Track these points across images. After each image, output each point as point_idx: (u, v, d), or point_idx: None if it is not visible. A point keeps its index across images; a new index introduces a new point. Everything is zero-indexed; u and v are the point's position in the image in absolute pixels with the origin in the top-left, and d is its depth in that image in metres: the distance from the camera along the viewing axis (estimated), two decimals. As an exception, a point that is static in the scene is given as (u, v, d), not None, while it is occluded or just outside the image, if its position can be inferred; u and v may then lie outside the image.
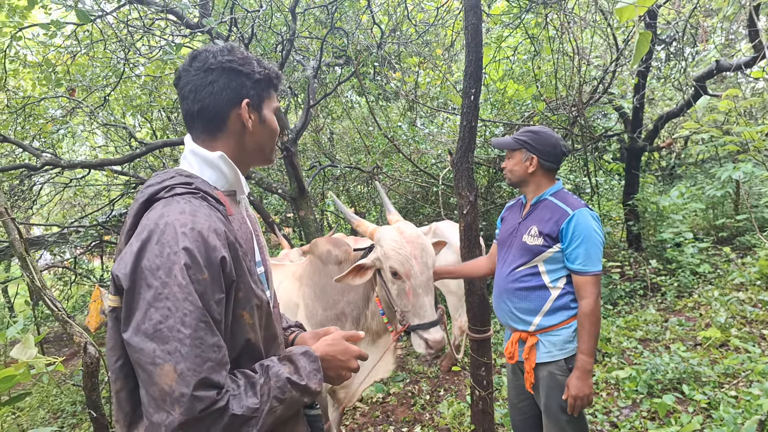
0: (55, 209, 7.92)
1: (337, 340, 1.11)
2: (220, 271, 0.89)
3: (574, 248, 1.83)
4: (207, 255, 0.87)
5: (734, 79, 6.60)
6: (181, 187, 0.97)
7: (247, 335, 0.96)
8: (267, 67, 1.12)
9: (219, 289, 0.89)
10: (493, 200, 5.45)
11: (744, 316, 3.91)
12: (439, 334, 1.79)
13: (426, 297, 1.82)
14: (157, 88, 5.17)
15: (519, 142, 1.97)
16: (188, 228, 0.87)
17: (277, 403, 0.93)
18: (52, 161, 4.39)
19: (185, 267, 0.84)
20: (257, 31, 4.19)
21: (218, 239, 0.90)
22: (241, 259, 0.95)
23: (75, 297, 7.22)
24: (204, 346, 0.84)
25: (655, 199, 5.70)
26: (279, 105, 1.21)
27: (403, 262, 1.81)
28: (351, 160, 5.97)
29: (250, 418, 0.88)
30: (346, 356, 1.10)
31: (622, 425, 2.79)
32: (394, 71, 5.65)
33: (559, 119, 5.16)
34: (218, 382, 0.85)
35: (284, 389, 0.94)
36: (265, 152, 1.15)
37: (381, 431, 3.27)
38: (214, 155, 1.05)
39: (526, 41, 5.03)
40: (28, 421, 4.57)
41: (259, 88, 1.09)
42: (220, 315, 0.89)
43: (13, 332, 2.23)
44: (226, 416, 0.85)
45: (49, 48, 4.69)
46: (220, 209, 0.98)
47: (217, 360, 0.85)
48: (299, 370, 0.99)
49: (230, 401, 0.86)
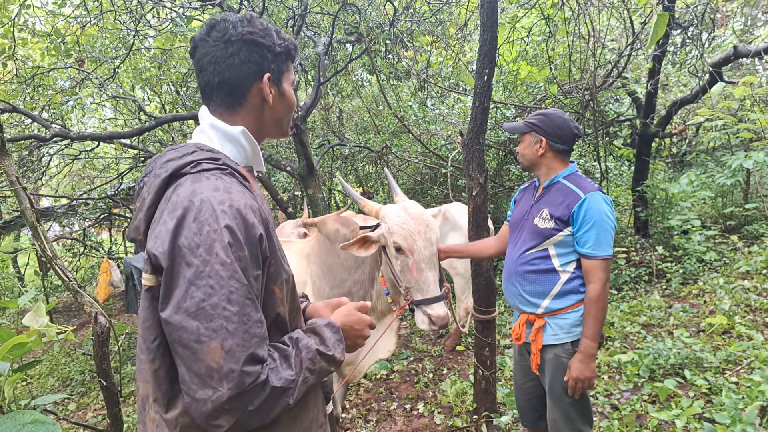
0: (64, 181, 7.96)
1: (351, 311, 1.16)
2: (258, 248, 0.90)
3: (585, 232, 1.83)
4: (246, 232, 0.88)
5: (751, 66, 6.47)
6: (209, 162, 0.95)
7: (277, 309, 0.99)
8: (286, 38, 1.09)
9: (257, 265, 0.90)
10: (502, 183, 5.44)
11: (748, 305, 3.92)
12: (443, 309, 1.80)
13: (429, 272, 1.84)
14: (166, 61, 5.13)
15: (528, 125, 1.97)
16: (226, 205, 0.87)
17: (309, 374, 0.96)
18: (62, 133, 4.39)
19: (228, 245, 0.84)
20: (268, 5, 4.13)
21: (255, 216, 0.91)
22: (272, 235, 0.97)
23: (84, 269, 7.32)
24: (251, 322, 0.86)
25: (665, 186, 5.66)
26: (295, 78, 1.17)
27: (406, 237, 1.83)
28: (360, 140, 5.94)
29: (287, 389, 0.91)
30: (361, 325, 1.15)
31: (623, 408, 2.84)
32: (406, 50, 5.57)
33: (571, 103, 5.09)
34: (263, 357, 0.88)
35: (314, 360, 0.97)
36: (283, 126, 1.14)
37: (384, 407, 3.35)
38: (236, 130, 1.03)
39: (541, 22, 4.93)
40: (39, 389, 4.70)
41: (280, 61, 1.07)
42: (258, 291, 0.91)
43: (24, 300, 2.27)
44: (268, 388, 0.87)
45: (58, 17, 4.64)
46: (246, 185, 0.98)
47: (261, 335, 0.88)
48: (325, 341, 1.03)
49: (269, 374, 0.88)
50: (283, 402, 0.90)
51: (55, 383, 4.81)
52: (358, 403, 3.44)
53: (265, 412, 0.88)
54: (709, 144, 7.84)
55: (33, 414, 1.45)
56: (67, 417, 2.67)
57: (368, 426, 3.14)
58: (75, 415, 4.04)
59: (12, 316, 3.77)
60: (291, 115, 1.16)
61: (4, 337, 1.64)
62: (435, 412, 3.14)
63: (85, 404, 4.23)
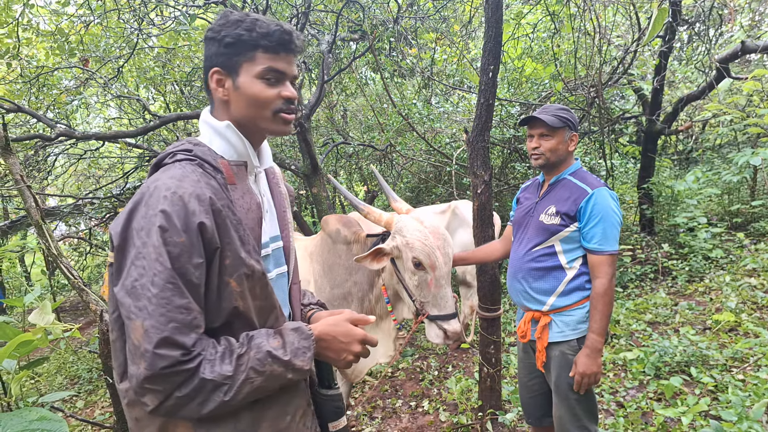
0: (70, 180, 8.01)
1: (340, 322, 1.09)
2: (199, 236, 0.90)
3: (592, 227, 1.82)
4: (186, 219, 0.89)
5: (760, 61, 6.40)
6: (182, 153, 1.01)
7: (234, 303, 0.97)
8: (248, 27, 1.01)
9: (198, 253, 0.90)
10: (506, 181, 5.42)
11: (755, 302, 3.90)
12: (458, 325, 1.81)
13: (447, 288, 1.84)
14: (170, 60, 5.13)
15: (562, 120, 1.91)
16: (171, 192, 0.91)
17: (254, 375, 0.93)
18: (67, 132, 4.41)
19: (160, 229, 0.88)
20: (272, 2, 4.13)
21: (199, 205, 0.91)
22: (229, 227, 0.96)
23: (90, 267, 7.36)
24: (170, 306, 0.87)
25: (671, 183, 5.62)
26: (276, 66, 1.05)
27: (429, 254, 1.81)
28: (364, 138, 5.93)
29: (221, 385, 0.90)
30: (348, 338, 1.07)
31: (629, 405, 2.83)
32: (410, 47, 5.55)
33: (576, 100, 5.06)
34: (183, 343, 0.87)
35: (263, 362, 0.94)
36: (257, 122, 1.07)
37: (390, 404, 3.35)
38: (220, 125, 1.06)
39: (546, 18, 4.90)
40: (46, 386, 4.74)
41: (231, 53, 1.02)
42: (199, 279, 0.91)
43: (30, 299, 2.28)
44: (196, 378, 0.88)
45: (61, 17, 4.66)
46: (217, 177, 0.99)
47: (183, 321, 0.87)
48: (285, 345, 0.98)
49: (203, 365, 0.89)
50: (217, 397, 0.89)
51: (63, 381, 4.85)
52: (363, 401, 3.45)
53: (197, 403, 0.89)
54: (715, 141, 7.79)
55: (40, 411, 1.46)
56: (74, 414, 2.69)
57: (373, 423, 3.14)
58: (83, 413, 4.07)
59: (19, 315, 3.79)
60: (263, 110, 1.06)
61: (11, 335, 1.65)
62: (440, 410, 3.14)
63: (93, 402, 4.26)
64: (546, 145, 1.93)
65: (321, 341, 1.06)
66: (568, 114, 1.94)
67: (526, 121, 1.99)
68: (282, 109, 1.07)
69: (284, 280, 1.20)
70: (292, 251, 1.22)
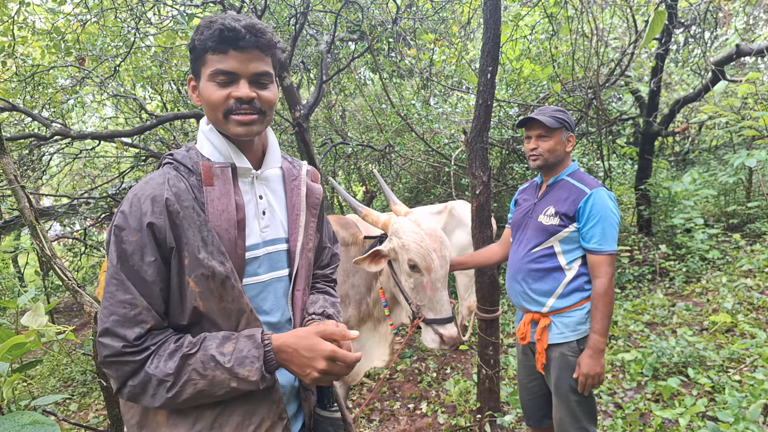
0: (65, 180, 7.94)
1: (308, 334, 1.01)
2: (151, 236, 0.95)
3: (591, 227, 1.82)
4: (139, 219, 0.95)
5: (754, 64, 6.44)
6: (168, 157, 1.07)
7: (194, 302, 0.98)
8: (199, 30, 1.00)
9: (150, 252, 0.95)
10: (505, 182, 5.42)
11: (751, 303, 3.91)
12: (455, 330, 1.79)
13: (444, 291, 1.82)
14: (167, 59, 5.11)
15: (559, 121, 1.91)
16: (133, 194, 0.98)
17: (197, 377, 0.94)
18: (62, 131, 4.37)
19: (116, 227, 0.96)
20: (270, 2, 4.11)
21: (152, 206, 0.95)
22: (186, 228, 0.97)
23: (85, 268, 7.30)
24: (113, 300, 0.93)
25: (668, 184, 5.65)
26: (222, 67, 1.01)
27: (424, 256, 1.79)
28: (363, 138, 5.92)
29: (164, 381, 0.93)
30: (312, 353, 0.98)
31: (627, 406, 2.83)
32: (409, 48, 5.55)
33: (574, 101, 5.07)
34: (123, 336, 0.92)
35: (206, 365, 0.94)
36: (216, 125, 1.07)
37: (388, 407, 3.34)
38: (205, 128, 1.10)
39: (544, 20, 4.92)
40: (39, 389, 4.68)
41: (193, 58, 1.05)
42: (152, 276, 0.95)
43: (24, 300, 2.25)
44: (142, 372, 0.93)
45: (58, 15, 4.62)
46: (190, 179, 1.02)
47: (125, 315, 0.93)
48: (234, 351, 0.96)
49: (151, 359, 0.94)
50: (162, 392, 0.93)
51: (56, 384, 4.80)
52: (361, 403, 3.43)
53: (149, 395, 0.94)
54: (711, 142, 7.83)
55: (32, 415, 1.44)
56: (67, 418, 2.66)
57: (371, 425, 3.13)
58: (76, 416, 4.03)
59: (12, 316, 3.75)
60: (215, 112, 1.04)
61: (3, 338, 1.62)
62: (438, 412, 3.13)
63: (87, 405, 4.21)
64: (544, 146, 1.94)
65: (281, 353, 1.00)
66: (564, 115, 1.94)
67: (523, 122, 1.99)
68: (232, 110, 1.02)
69: (282, 284, 1.15)
70: (297, 255, 1.16)
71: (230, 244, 1.02)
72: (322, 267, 1.39)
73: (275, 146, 1.19)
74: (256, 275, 1.09)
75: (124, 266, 0.93)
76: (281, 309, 1.15)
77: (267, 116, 1.07)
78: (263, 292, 1.11)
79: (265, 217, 1.12)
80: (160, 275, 0.96)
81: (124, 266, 0.93)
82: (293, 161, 1.27)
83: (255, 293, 1.09)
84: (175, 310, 1.00)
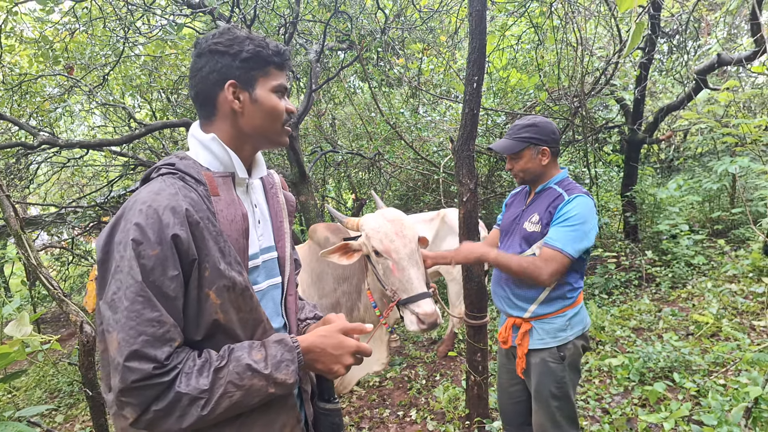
0: (53, 189, 7.86)
1: (332, 333, 1.05)
2: (174, 248, 0.90)
3: (556, 226, 1.83)
4: (160, 232, 0.89)
5: (735, 73, 6.60)
6: (165, 167, 1.02)
7: (214, 315, 0.95)
8: (261, 44, 1.06)
9: (173, 266, 0.90)
10: (493, 189, 5.47)
11: (735, 308, 3.98)
12: (430, 306, 1.74)
13: (411, 270, 1.81)
14: (157, 68, 5.11)
15: (524, 140, 1.94)
16: (146, 205, 0.91)
17: (233, 389, 0.91)
18: (50, 140, 4.35)
19: (133, 242, 0.88)
20: (260, 12, 4.14)
21: (174, 217, 0.91)
22: (207, 239, 0.95)
23: (73, 278, 7.21)
24: (140, 319, 0.86)
25: (653, 191, 5.74)
26: (284, 83, 1.12)
27: (382, 239, 1.83)
28: (353, 146, 5.95)
29: (198, 399, 0.89)
30: (339, 351, 1.03)
31: (614, 411, 2.85)
32: (398, 57, 5.61)
33: (561, 109, 5.15)
34: (154, 357, 0.86)
35: (243, 375, 0.93)
36: (268, 134, 1.10)
37: (377, 414, 3.33)
38: (206, 137, 1.06)
39: (530, 30, 5.00)
40: (24, 400, 4.60)
41: (248, 67, 1.05)
42: (175, 291, 0.90)
43: (9, 310, 2.22)
44: (172, 392, 0.87)
45: (46, 24, 4.61)
46: (198, 189, 0.99)
47: (154, 335, 0.87)
48: (267, 358, 0.96)
49: (180, 378, 0.88)
50: (194, 411, 0.88)
51: (42, 395, 4.72)
52: (350, 411, 3.42)
53: (176, 417, 0.88)
54: (696, 150, 7.97)
55: (17, 426, 1.43)
56: (52, 429, 2.63)
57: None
58: (63, 427, 3.97)
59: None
60: (276, 123, 1.10)
61: (-13, 348, 1.61)
62: (428, 419, 3.13)
63: (74, 416, 4.15)
64: (517, 167, 1.99)
65: (309, 353, 1.02)
66: (530, 130, 1.94)
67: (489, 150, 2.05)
68: (287, 121, 1.12)
69: (278, 292, 1.18)
70: (287, 262, 1.19)
71: (241, 254, 1.02)
72: None
73: (260, 155, 1.21)
74: (256, 283, 1.10)
75: (146, 282, 0.88)
76: (279, 315, 1.16)
77: None
78: (263, 300, 1.11)
79: (260, 226, 1.14)
80: (181, 289, 0.92)
81: (146, 282, 0.88)
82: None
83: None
84: (190, 325, 0.95)
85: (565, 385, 1.90)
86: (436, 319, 1.74)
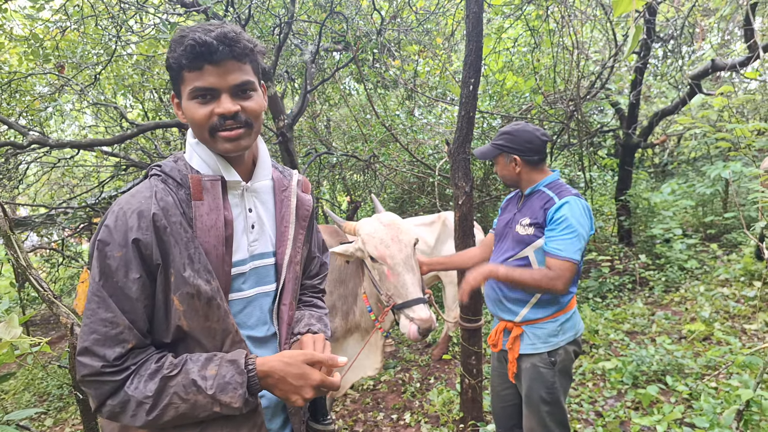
0: (43, 189, 7.76)
1: (296, 361, 0.98)
2: (136, 252, 0.91)
3: (553, 233, 1.81)
4: (124, 234, 0.91)
5: (729, 78, 6.65)
6: (156, 168, 1.04)
7: (178, 321, 0.95)
8: (173, 48, 0.96)
9: (135, 268, 0.91)
10: (488, 192, 5.47)
11: (727, 311, 4.00)
12: (425, 312, 1.75)
13: (407, 275, 1.81)
14: (149, 67, 5.06)
15: (497, 147, 1.98)
16: (119, 207, 0.94)
17: (178, 401, 0.91)
18: (40, 140, 4.28)
19: (99, 242, 0.92)
20: (254, 12, 4.11)
21: (138, 221, 0.92)
22: (174, 244, 0.93)
23: (63, 279, 7.12)
24: (94, 318, 0.90)
25: (647, 195, 5.77)
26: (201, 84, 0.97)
27: (377, 245, 1.83)
28: (348, 148, 5.92)
29: (143, 403, 0.90)
30: (300, 381, 0.97)
31: (607, 414, 2.85)
32: (394, 59, 5.60)
33: (556, 113, 5.16)
34: (103, 355, 0.89)
35: (188, 390, 0.91)
36: (206, 144, 1.03)
37: (371, 418, 3.31)
38: (192, 141, 1.06)
39: (527, 33, 5.01)
40: (14, 404, 4.53)
41: (173, 77, 1.01)
42: (137, 293, 0.92)
43: (-3, 312, 2.19)
44: (122, 392, 0.91)
45: (36, 22, 4.55)
46: (179, 193, 0.99)
47: (106, 334, 0.90)
48: (216, 377, 0.93)
49: (132, 379, 0.91)
50: (141, 414, 0.90)
51: (31, 398, 4.64)
52: (344, 414, 3.40)
53: (129, 416, 0.91)
54: (690, 154, 8.03)
55: (5, 429, 1.40)
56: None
57: (354, 438, 3.09)
58: (52, 431, 3.91)
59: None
60: (202, 131, 1.01)
61: (-27, 351, 1.57)
62: (422, 422, 3.11)
63: (63, 420, 4.09)
64: (497, 170, 2.07)
65: (267, 378, 0.97)
66: (504, 138, 1.95)
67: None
68: (218, 127, 0.98)
69: (268, 300, 1.13)
70: (285, 269, 1.13)
71: (217, 262, 0.99)
72: (310, 277, 1.36)
73: (266, 157, 1.15)
74: (240, 291, 1.07)
75: (107, 283, 0.90)
76: (266, 324, 1.12)
77: (254, 127, 1.03)
78: (248, 308, 1.08)
79: (254, 231, 1.10)
80: (144, 292, 0.93)
81: (107, 283, 0.90)
82: (284, 170, 1.23)
83: (239, 309, 1.07)
84: (160, 328, 0.97)
85: (555, 390, 1.90)
86: (431, 325, 1.74)
